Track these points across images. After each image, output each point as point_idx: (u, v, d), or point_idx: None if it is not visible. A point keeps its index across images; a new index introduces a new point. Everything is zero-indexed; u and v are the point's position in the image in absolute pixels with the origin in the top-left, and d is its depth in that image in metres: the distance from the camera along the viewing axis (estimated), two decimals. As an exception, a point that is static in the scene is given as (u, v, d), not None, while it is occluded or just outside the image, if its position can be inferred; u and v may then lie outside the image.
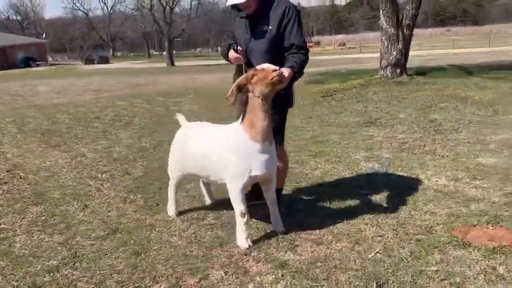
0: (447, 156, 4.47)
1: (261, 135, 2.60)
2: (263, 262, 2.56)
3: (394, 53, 11.80)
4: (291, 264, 2.51)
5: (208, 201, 3.54)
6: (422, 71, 12.33)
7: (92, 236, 3.08)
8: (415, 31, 12.61)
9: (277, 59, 2.78)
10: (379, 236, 2.81)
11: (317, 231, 2.91)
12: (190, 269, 2.52)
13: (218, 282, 2.37)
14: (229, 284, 2.35)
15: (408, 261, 2.46)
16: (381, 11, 11.94)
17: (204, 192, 3.54)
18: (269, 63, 2.67)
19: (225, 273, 2.45)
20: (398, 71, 11.93)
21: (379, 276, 2.32)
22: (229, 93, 2.61)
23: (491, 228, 2.76)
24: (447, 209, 3.15)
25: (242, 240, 2.75)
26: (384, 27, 11.93)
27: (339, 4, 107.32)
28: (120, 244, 2.90)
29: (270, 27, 2.82)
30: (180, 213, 3.37)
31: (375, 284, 2.23)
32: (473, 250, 2.51)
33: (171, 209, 3.37)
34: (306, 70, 2.90)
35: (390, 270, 2.37)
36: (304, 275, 2.38)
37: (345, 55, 37.03)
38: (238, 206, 2.73)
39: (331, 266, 2.47)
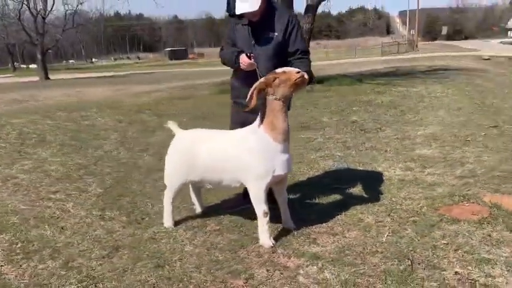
0: (389, 150, 5.05)
1: (282, 136, 2.74)
2: (295, 256, 2.69)
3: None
4: (321, 254, 2.69)
5: (198, 209, 3.53)
6: (319, 80, 13.39)
7: (93, 256, 2.88)
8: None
9: (282, 64, 2.96)
10: (380, 222, 3.13)
11: (324, 224, 3.13)
12: (229, 272, 2.54)
13: (266, 280, 2.44)
14: (278, 279, 2.44)
15: (419, 240, 2.80)
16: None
17: (195, 200, 3.52)
18: (274, 67, 2.85)
19: (267, 270, 2.53)
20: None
21: (404, 255, 2.61)
22: (248, 97, 2.70)
23: (467, 205, 3.27)
24: (420, 194, 3.62)
25: (266, 239, 2.84)
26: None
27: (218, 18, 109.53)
28: (134, 260, 2.78)
29: (276, 34, 2.98)
30: (174, 224, 3.31)
31: (408, 261, 2.51)
32: (464, 224, 2.96)
33: (168, 220, 3.29)
34: (210, 80, 3.12)
35: (410, 249, 2.69)
36: (342, 262, 2.57)
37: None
38: (261, 206, 2.82)
39: (358, 252, 2.70)
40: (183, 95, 12.86)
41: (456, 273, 2.35)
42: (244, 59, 2.88)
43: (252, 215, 3.30)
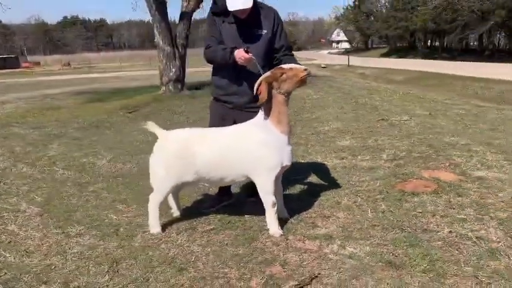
0: (314, 144, 5.53)
1: (287, 128, 2.90)
2: (309, 240, 2.87)
3: (174, 69, 12.61)
4: (331, 234, 2.92)
5: (176, 212, 3.43)
6: (196, 86, 13.62)
7: (94, 272, 2.62)
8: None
9: (270, 60, 3.13)
10: (354, 202, 3.49)
11: (311, 210, 3.37)
12: (261, 263, 2.59)
13: (302, 263, 2.57)
14: (312, 260, 2.59)
15: (398, 212, 3.23)
16: (155, 30, 12.52)
17: (173, 204, 3.41)
18: (264, 63, 3.02)
19: (296, 255, 2.66)
20: (179, 86, 12.81)
21: (397, 225, 3.01)
22: (258, 91, 2.78)
23: (414, 181, 3.86)
24: (367, 176, 4.12)
25: (275, 228, 2.95)
26: (160, 45, 12.56)
27: (50, 23, 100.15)
28: (148, 268, 2.61)
29: (266, 31, 3.11)
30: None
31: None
32: (424, 195, 3.51)
33: (155, 226, 3.13)
34: (62, 90, 3.29)
35: (398, 219, 3.09)
36: (354, 238, 2.84)
37: (78, 75, 35.35)
38: (270, 197, 2.92)
39: (358, 228, 3.01)
40: (47, 105, 11.71)
41: (450, 232, 2.83)
42: (243, 54, 2.92)
43: (235, 212, 3.38)
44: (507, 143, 5.16)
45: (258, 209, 3.33)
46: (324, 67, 30.07)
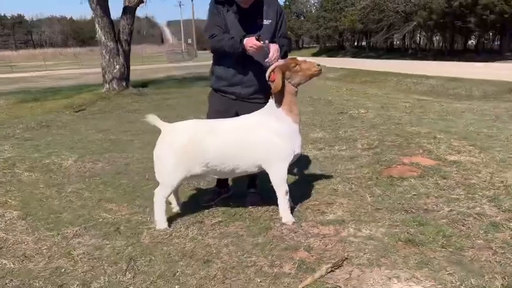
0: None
1: (298, 117, 2.96)
2: (322, 225, 2.94)
3: (117, 66, 12.17)
4: (342, 219, 3.01)
5: (176, 208, 3.35)
6: (142, 84, 13.26)
7: (112, 271, 2.50)
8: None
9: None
10: (350, 189, 3.63)
11: (312, 197, 3.45)
12: (285, 249, 2.62)
13: (326, 247, 2.63)
14: (336, 243, 2.65)
15: (394, 195, 3.41)
16: (97, 25, 12.01)
17: (173, 199, 3.33)
18: (266, 53, 3.04)
19: (318, 240, 2.71)
20: (124, 83, 12.38)
21: (399, 207, 3.17)
22: (272, 78, 2.79)
23: (399, 166, 4.08)
24: (352, 165, 4.28)
25: (289, 216, 2.99)
26: (102, 41, 12.07)
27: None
28: (169, 265, 2.53)
29: (270, 21, 3.11)
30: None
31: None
32: (411, 179, 3.72)
33: (162, 222, 3.04)
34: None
35: (398, 202, 3.26)
36: (365, 221, 2.96)
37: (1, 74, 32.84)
38: (284, 186, 2.96)
39: (364, 212, 3.13)
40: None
41: (450, 210, 3.04)
42: (254, 42, 2.89)
43: (235, 204, 3.38)
44: (462, 130, 5.61)
45: (259, 200, 3.37)
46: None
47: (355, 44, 53.59)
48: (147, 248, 2.77)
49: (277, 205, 3.17)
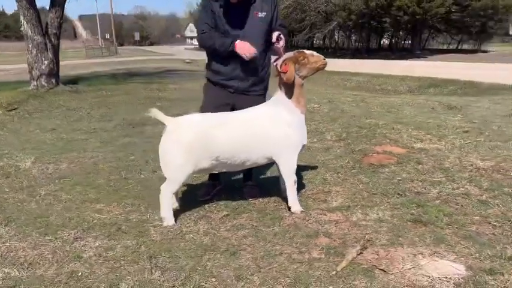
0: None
1: (305, 109, 3.04)
2: (329, 212, 3.05)
3: (46, 62, 11.40)
4: (346, 205, 3.15)
5: (176, 204, 3.27)
6: (73, 80, 12.52)
7: (135, 270, 2.41)
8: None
9: (267, 42, 3.18)
10: (338, 177, 3.79)
11: (308, 187, 3.56)
12: (305, 236, 2.69)
13: (343, 231, 2.74)
14: (351, 228, 2.78)
15: (382, 181, 3.63)
16: (22, 18, 11.15)
17: (173, 196, 3.25)
18: (263, 45, 3.11)
19: (333, 226, 2.82)
20: (53, 80, 11.63)
21: (395, 191, 3.38)
22: (284, 69, 2.84)
23: (375, 155, 4.32)
24: (330, 155, 4.46)
25: (297, 205, 3.06)
26: (29, 35, 11.23)
27: None
28: (195, 260, 2.49)
29: (265, 13, 3.13)
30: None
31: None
32: (391, 166, 3.97)
33: (170, 219, 2.97)
34: None
35: (389, 187, 3.48)
36: (369, 205, 3.12)
37: None
38: (293, 176, 3.03)
39: (364, 197, 3.30)
40: None
41: (439, 192, 3.31)
42: (248, 50, 2.94)
43: (233, 197, 3.40)
44: (412, 121, 6.05)
45: (257, 193, 3.41)
46: (188, 62, 30.04)
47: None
48: (161, 244, 2.69)
49: (276, 196, 3.25)
